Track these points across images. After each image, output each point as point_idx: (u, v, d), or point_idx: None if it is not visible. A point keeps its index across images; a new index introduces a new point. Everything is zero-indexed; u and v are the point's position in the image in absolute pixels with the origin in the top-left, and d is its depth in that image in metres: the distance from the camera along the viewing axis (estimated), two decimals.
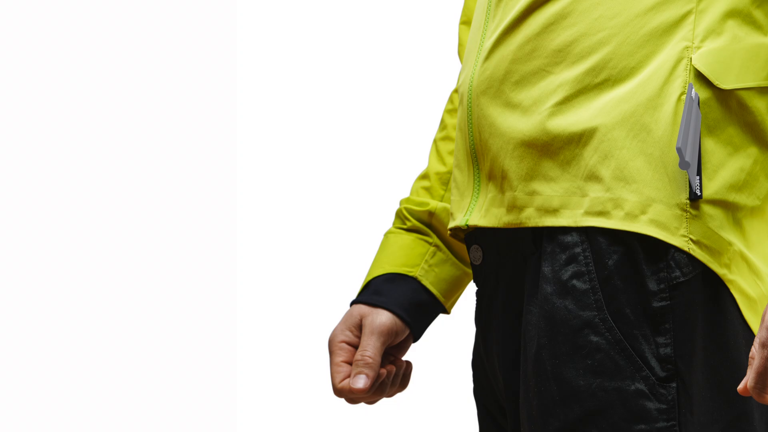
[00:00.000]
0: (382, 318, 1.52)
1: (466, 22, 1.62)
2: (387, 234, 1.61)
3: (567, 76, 1.32)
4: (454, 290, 1.59)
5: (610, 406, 1.28)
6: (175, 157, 2.67)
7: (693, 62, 1.29)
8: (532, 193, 1.34)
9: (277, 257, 2.42)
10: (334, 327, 1.56)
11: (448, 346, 2.12)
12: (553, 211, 1.32)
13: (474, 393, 1.53)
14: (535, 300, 1.34)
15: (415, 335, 1.57)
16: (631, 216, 1.29)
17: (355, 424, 2.39)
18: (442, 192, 1.60)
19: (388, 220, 1.77)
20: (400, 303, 1.54)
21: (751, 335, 1.31)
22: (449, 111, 1.64)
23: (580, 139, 1.31)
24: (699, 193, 1.28)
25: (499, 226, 1.38)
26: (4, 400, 2.51)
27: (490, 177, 1.39)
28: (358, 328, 1.53)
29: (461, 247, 1.59)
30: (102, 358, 2.52)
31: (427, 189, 1.61)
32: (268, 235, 2.63)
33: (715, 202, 1.29)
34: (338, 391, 1.51)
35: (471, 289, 1.57)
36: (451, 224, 1.46)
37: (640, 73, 1.30)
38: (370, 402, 1.56)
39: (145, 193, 2.64)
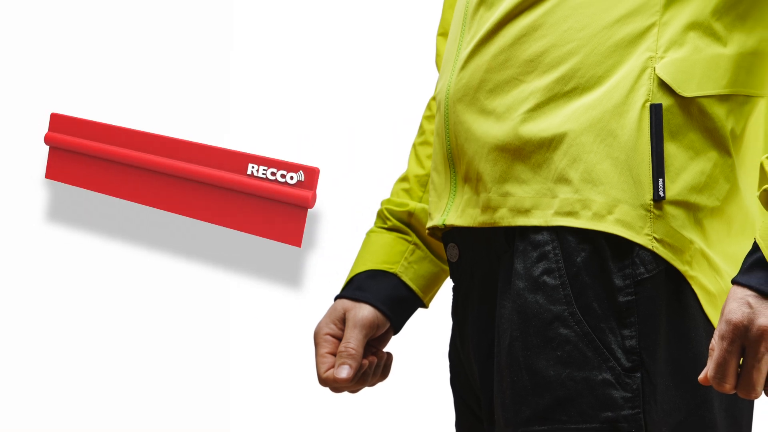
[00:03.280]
0: (364, 312, 1.55)
1: (443, 33, 1.65)
2: (369, 233, 1.64)
3: (538, 84, 1.35)
4: (432, 286, 1.62)
5: (579, 395, 1.31)
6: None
7: (656, 71, 1.32)
8: (506, 195, 1.37)
9: (267, 256, 2.43)
10: (319, 320, 1.58)
11: (426, 338, 2.14)
12: (525, 212, 1.36)
13: (450, 383, 1.56)
14: (508, 295, 1.37)
15: (396, 328, 1.60)
16: (598, 216, 1.32)
17: (338, 411, 2.41)
18: (421, 193, 1.64)
19: (369, 220, 1.79)
20: (381, 298, 1.56)
21: (711, 328, 1.35)
22: (427, 117, 1.67)
23: (550, 144, 1.34)
24: (662, 195, 1.31)
25: (475, 225, 1.41)
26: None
27: (466, 179, 1.42)
28: (342, 321, 1.56)
29: (439, 246, 1.61)
30: (95, 347, 2.49)
31: (407, 191, 1.64)
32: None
33: (678, 203, 1.33)
34: (323, 381, 1.53)
35: (448, 284, 1.60)
36: (430, 224, 1.49)
37: (607, 82, 1.33)
38: (353, 391, 1.58)
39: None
